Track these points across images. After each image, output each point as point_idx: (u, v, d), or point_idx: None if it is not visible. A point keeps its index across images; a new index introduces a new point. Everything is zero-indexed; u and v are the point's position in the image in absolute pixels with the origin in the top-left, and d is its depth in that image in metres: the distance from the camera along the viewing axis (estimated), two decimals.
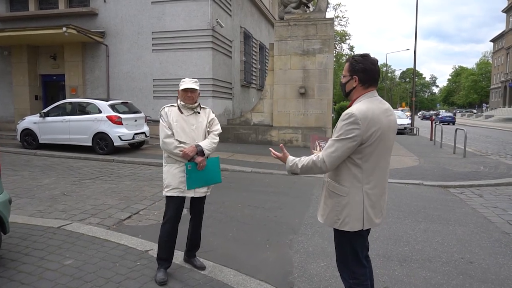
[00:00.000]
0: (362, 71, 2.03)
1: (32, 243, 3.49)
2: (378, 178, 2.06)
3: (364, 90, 2.07)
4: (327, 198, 2.14)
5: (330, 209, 2.11)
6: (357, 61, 2.05)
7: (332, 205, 2.09)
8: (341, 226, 2.07)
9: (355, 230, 2.05)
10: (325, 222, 2.16)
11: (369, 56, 2.07)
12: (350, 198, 2.04)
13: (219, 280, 2.96)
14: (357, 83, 2.06)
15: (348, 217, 2.04)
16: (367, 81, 2.05)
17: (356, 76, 2.05)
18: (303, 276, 3.18)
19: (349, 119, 1.93)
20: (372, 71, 2.04)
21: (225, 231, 4.23)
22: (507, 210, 5.27)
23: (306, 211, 4.99)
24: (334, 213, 2.08)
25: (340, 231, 2.12)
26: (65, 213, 4.67)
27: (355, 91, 2.09)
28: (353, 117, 1.92)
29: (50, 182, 6.42)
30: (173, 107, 3.01)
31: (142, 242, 3.67)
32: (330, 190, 2.12)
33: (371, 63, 2.04)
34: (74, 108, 10.03)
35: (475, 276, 3.20)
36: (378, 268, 3.32)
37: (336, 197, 2.08)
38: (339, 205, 2.06)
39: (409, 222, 4.65)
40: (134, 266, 3.13)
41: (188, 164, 2.89)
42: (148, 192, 5.89)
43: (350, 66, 2.07)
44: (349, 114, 1.95)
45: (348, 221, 2.05)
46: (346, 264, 2.17)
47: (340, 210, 2.06)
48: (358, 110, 1.95)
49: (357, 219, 2.04)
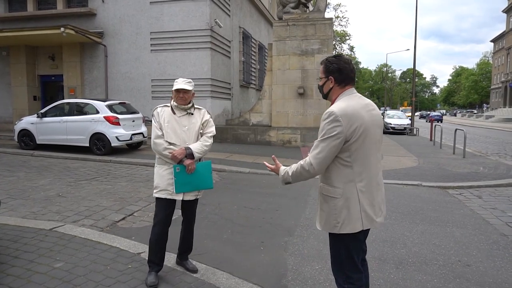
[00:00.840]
0: (336, 71, 2.05)
1: (23, 246, 3.44)
2: (370, 175, 2.02)
3: (341, 89, 2.07)
4: (323, 203, 2.10)
5: (327, 214, 2.06)
6: (331, 62, 2.07)
7: (329, 210, 2.04)
8: (342, 229, 2.01)
9: (356, 231, 2.00)
10: (324, 228, 2.10)
11: (342, 56, 2.09)
12: (345, 199, 1.99)
13: (211, 283, 2.91)
14: (334, 83, 2.07)
15: (347, 219, 1.99)
16: (343, 80, 2.06)
17: (331, 76, 2.07)
18: (297, 279, 3.13)
19: (330, 118, 1.93)
20: (346, 70, 2.05)
21: (220, 233, 4.18)
22: (506, 212, 5.21)
23: (302, 213, 4.94)
24: (332, 217, 2.03)
25: (336, 235, 2.07)
26: (58, 215, 4.62)
27: (333, 92, 2.10)
28: (333, 115, 1.92)
29: (45, 183, 6.37)
30: (166, 107, 2.97)
31: (134, 244, 3.62)
32: (324, 194, 2.07)
33: (344, 62, 2.05)
34: (71, 109, 9.98)
35: (472, 279, 3.15)
36: (374, 271, 3.26)
37: (331, 201, 2.03)
38: (336, 208, 2.01)
39: (407, 224, 4.59)
40: (125, 269, 3.08)
41: (176, 166, 2.83)
42: (143, 193, 5.84)
43: (325, 68, 2.09)
44: (329, 113, 1.95)
45: (347, 223, 1.99)
46: (341, 269, 2.12)
47: (337, 213, 2.01)
48: (338, 108, 1.95)
49: (356, 219, 1.99)
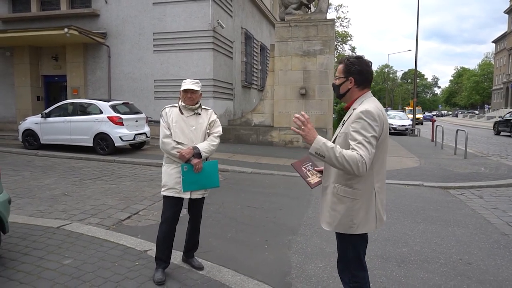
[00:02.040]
0: (358, 72, 2.04)
1: (32, 243, 3.51)
2: (383, 176, 2.08)
3: (360, 91, 2.08)
4: (337, 204, 2.04)
5: (342, 215, 2.03)
6: (352, 63, 2.05)
7: (345, 210, 2.02)
8: (358, 230, 2.02)
9: (370, 231, 2.05)
10: (336, 228, 2.07)
11: (363, 58, 2.08)
12: (364, 200, 2.00)
13: (217, 280, 2.97)
14: (353, 84, 2.06)
15: (364, 219, 2.01)
16: (362, 83, 2.06)
17: (352, 77, 2.05)
18: (301, 276, 3.19)
19: (369, 117, 1.91)
20: (367, 73, 2.05)
21: (224, 231, 4.24)
22: (507, 211, 5.26)
23: (305, 212, 4.99)
24: (349, 218, 2.01)
25: (346, 235, 2.08)
26: (65, 213, 4.69)
27: (351, 93, 2.09)
28: (372, 114, 1.91)
29: (51, 182, 6.44)
30: (174, 107, 3.03)
31: (141, 242, 3.69)
32: (341, 195, 2.03)
33: (366, 65, 2.05)
34: (75, 109, 10.06)
35: (473, 277, 3.20)
36: (376, 269, 3.32)
37: (348, 202, 2.01)
38: (353, 209, 2.00)
39: (408, 223, 4.65)
40: (133, 266, 3.14)
41: (184, 165, 2.89)
42: (148, 192, 5.91)
43: (346, 68, 2.07)
44: (366, 112, 1.92)
45: (364, 224, 2.01)
46: (348, 268, 2.15)
47: (355, 214, 2.00)
48: (372, 108, 1.94)
49: (372, 220, 2.02)
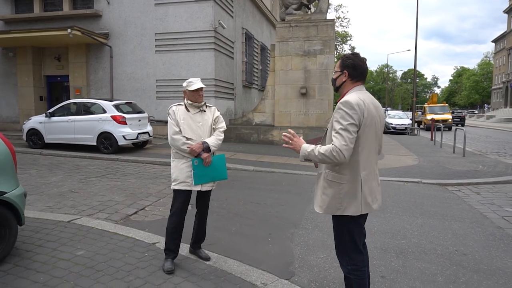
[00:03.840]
0: (352, 66, 2.25)
1: (45, 236, 3.66)
2: (371, 165, 2.24)
3: (353, 84, 2.27)
4: (326, 188, 2.26)
5: (330, 198, 2.24)
6: (348, 57, 2.28)
7: (333, 194, 2.22)
8: (344, 212, 2.21)
9: (356, 214, 2.21)
10: (325, 211, 2.28)
11: (359, 55, 2.29)
12: (350, 185, 2.19)
13: (224, 269, 3.11)
14: (347, 77, 2.26)
15: (349, 203, 2.20)
16: (356, 76, 2.26)
17: (346, 71, 2.26)
18: (303, 266, 3.33)
19: (347, 106, 2.11)
20: (361, 68, 2.25)
21: (229, 226, 4.38)
22: (503, 207, 5.41)
23: (306, 207, 5.14)
24: (336, 200, 2.21)
25: (340, 220, 2.27)
26: (73, 209, 4.83)
27: (345, 85, 2.29)
28: (348, 103, 2.11)
29: (57, 180, 6.59)
30: (180, 106, 3.17)
31: (149, 235, 3.83)
32: (329, 180, 2.24)
33: (360, 60, 2.26)
34: (79, 108, 10.20)
35: (468, 266, 3.35)
36: (376, 259, 3.47)
37: (336, 186, 2.21)
38: (340, 193, 2.20)
39: (407, 218, 4.79)
40: (143, 256, 3.28)
41: (195, 160, 3.04)
42: (153, 189, 6.05)
43: (342, 62, 2.29)
44: (344, 102, 2.14)
45: (349, 207, 2.20)
46: (345, 251, 2.33)
47: (342, 197, 2.20)
48: (351, 98, 2.15)
49: (357, 204, 2.20)
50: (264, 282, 2.91)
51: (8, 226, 3.02)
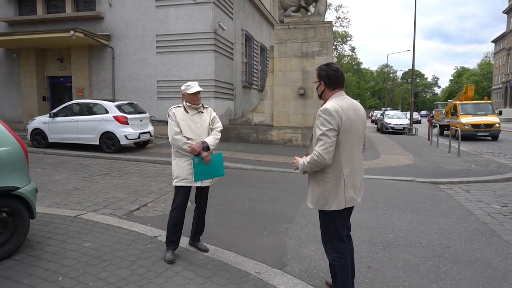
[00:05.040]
0: (325, 77, 2.51)
1: (53, 229, 3.90)
2: (353, 163, 2.48)
3: (331, 91, 2.52)
4: (315, 186, 2.53)
5: (318, 195, 2.50)
6: (322, 69, 2.53)
7: (320, 191, 2.49)
8: (330, 207, 2.46)
9: (341, 208, 2.46)
10: (315, 206, 2.55)
11: (331, 64, 2.54)
12: (334, 183, 2.45)
13: (221, 260, 3.34)
14: (324, 86, 2.52)
15: (334, 198, 2.45)
16: (331, 85, 2.51)
17: (322, 81, 2.52)
18: (295, 258, 3.56)
19: (325, 113, 2.37)
20: (334, 76, 2.50)
21: (226, 221, 4.62)
22: (490, 204, 5.63)
23: (301, 204, 5.36)
24: (323, 197, 2.47)
25: (325, 213, 2.52)
26: (79, 205, 5.08)
27: (325, 93, 2.55)
28: (327, 111, 2.37)
29: (62, 178, 6.83)
30: (179, 107, 3.41)
31: (151, 229, 4.07)
32: (317, 178, 2.51)
33: (332, 70, 2.50)
34: (82, 109, 10.45)
35: (449, 258, 3.58)
36: (363, 251, 3.70)
37: (322, 184, 2.48)
38: (326, 190, 2.46)
39: (396, 214, 5.02)
40: (145, 248, 3.52)
41: (195, 158, 3.28)
42: (154, 187, 6.29)
43: (318, 74, 2.55)
44: (323, 109, 2.40)
45: (335, 202, 2.45)
46: (330, 240, 2.58)
47: (327, 194, 2.46)
48: (330, 105, 2.40)
49: (341, 199, 2.45)
50: (258, 271, 3.14)
51: (21, 218, 3.26)
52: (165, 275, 2.99)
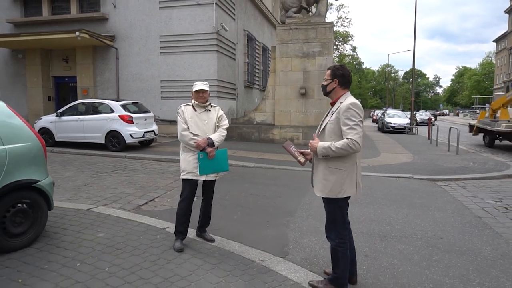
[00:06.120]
0: (341, 75, 2.74)
1: (68, 221, 4.12)
2: (361, 153, 2.73)
3: (342, 90, 2.76)
4: (329, 175, 2.66)
5: (333, 183, 2.65)
6: (337, 68, 2.77)
7: (335, 180, 2.65)
8: (344, 194, 2.66)
9: (353, 195, 2.69)
10: (328, 194, 2.68)
11: (344, 66, 2.80)
12: (349, 171, 2.66)
13: (226, 249, 3.56)
14: (337, 84, 2.75)
15: (348, 186, 2.66)
16: (344, 83, 2.75)
17: (336, 79, 2.74)
18: (296, 247, 3.78)
19: (356, 107, 2.60)
20: (348, 76, 2.76)
21: (230, 214, 4.83)
22: (485, 199, 5.83)
23: (302, 199, 5.58)
24: (338, 185, 2.64)
25: (335, 201, 2.70)
26: (89, 200, 5.30)
27: (336, 91, 2.77)
28: (357, 105, 2.62)
29: (71, 175, 7.06)
30: (188, 105, 3.64)
31: (160, 221, 4.29)
32: (332, 167, 2.65)
33: (347, 70, 2.76)
34: (87, 108, 10.68)
35: (442, 248, 3.79)
36: (361, 242, 3.90)
37: (339, 173, 2.65)
38: (342, 178, 2.65)
39: (394, 208, 5.23)
40: (155, 238, 3.74)
41: (200, 153, 3.50)
42: (161, 183, 6.51)
43: (332, 72, 2.77)
44: (353, 103, 2.61)
45: (348, 190, 2.66)
46: (334, 227, 2.78)
47: (342, 182, 2.65)
48: (356, 101, 2.65)
49: (354, 187, 2.68)
50: (262, 259, 3.36)
51: (40, 209, 3.49)
52: (175, 262, 3.21)
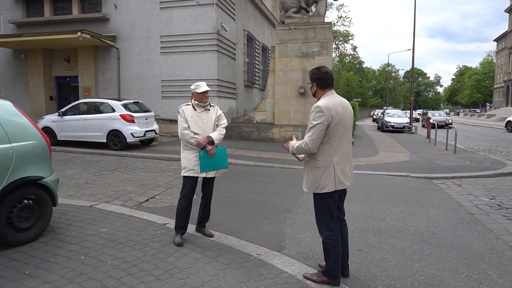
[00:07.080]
0: (317, 79, 2.90)
1: (71, 217, 4.26)
2: (342, 152, 2.86)
3: (323, 91, 2.90)
4: (309, 172, 2.91)
5: (312, 179, 2.88)
6: (313, 73, 2.93)
7: (313, 176, 2.87)
8: (321, 190, 2.83)
9: (331, 191, 2.82)
10: (309, 189, 2.91)
11: (322, 68, 2.92)
12: (325, 169, 2.82)
13: (225, 244, 3.69)
14: (316, 87, 2.91)
15: (325, 182, 2.82)
16: (322, 85, 2.90)
17: (314, 83, 2.90)
18: (293, 242, 3.91)
19: (317, 109, 2.77)
20: (324, 78, 2.88)
21: (229, 211, 4.96)
22: (479, 197, 5.95)
23: (300, 196, 5.70)
24: (315, 181, 2.85)
25: (319, 195, 2.88)
26: (92, 197, 5.43)
27: (317, 93, 2.94)
28: (319, 107, 2.76)
29: (73, 173, 7.19)
30: (188, 105, 3.77)
31: (160, 218, 4.42)
32: (311, 165, 2.89)
33: (323, 73, 2.88)
34: (89, 108, 10.81)
35: (434, 242, 3.91)
36: (355, 237, 4.03)
37: (315, 170, 2.85)
38: (318, 175, 2.84)
39: (389, 205, 5.35)
40: (156, 233, 3.87)
41: (201, 151, 3.63)
42: (161, 181, 6.64)
43: (310, 76, 2.94)
44: (315, 106, 2.79)
45: (325, 185, 2.82)
46: (323, 220, 2.93)
47: (319, 178, 2.83)
48: (322, 103, 2.78)
49: (331, 183, 2.82)
50: (259, 253, 3.48)
51: (45, 205, 3.62)
52: (175, 256, 3.34)
